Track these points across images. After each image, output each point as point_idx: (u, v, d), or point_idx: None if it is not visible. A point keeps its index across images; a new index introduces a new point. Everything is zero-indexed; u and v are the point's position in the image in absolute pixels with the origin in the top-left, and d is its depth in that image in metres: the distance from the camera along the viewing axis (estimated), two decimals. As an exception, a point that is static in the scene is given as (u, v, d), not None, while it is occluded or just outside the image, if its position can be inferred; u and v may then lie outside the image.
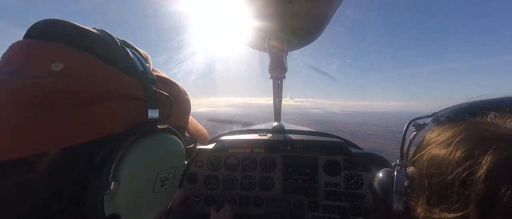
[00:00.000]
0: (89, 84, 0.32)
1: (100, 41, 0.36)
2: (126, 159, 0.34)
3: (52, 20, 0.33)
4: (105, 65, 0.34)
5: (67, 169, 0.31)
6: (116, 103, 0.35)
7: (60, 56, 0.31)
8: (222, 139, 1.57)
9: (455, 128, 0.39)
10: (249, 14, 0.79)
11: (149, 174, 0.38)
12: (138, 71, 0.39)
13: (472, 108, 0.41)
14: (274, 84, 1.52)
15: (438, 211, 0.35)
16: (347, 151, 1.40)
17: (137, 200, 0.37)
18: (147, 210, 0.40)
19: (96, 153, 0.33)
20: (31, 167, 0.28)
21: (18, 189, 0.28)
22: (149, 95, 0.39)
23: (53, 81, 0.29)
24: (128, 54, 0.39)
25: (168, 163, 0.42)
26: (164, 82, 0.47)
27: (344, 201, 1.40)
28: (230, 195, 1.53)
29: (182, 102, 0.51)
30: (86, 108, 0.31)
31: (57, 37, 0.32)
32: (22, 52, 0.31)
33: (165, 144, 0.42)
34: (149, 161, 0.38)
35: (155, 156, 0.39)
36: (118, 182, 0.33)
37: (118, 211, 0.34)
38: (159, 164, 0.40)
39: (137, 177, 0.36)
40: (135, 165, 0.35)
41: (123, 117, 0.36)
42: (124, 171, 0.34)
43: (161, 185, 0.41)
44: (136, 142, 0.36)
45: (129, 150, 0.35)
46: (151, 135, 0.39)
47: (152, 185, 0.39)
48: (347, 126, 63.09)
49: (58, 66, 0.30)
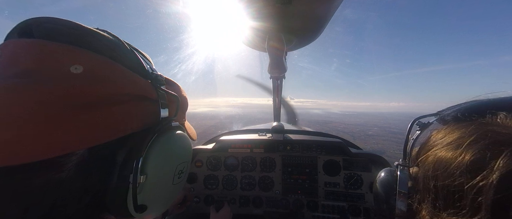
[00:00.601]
0: (109, 86, 0.33)
1: (109, 43, 0.36)
2: (151, 155, 0.37)
3: (53, 19, 0.33)
4: (122, 68, 0.36)
5: (93, 167, 0.33)
6: (134, 104, 0.37)
7: (78, 59, 0.31)
8: (221, 139, 1.57)
9: (463, 128, 0.37)
10: (248, 14, 0.80)
11: (170, 167, 0.42)
12: (149, 73, 0.42)
13: (480, 107, 0.39)
14: (273, 84, 1.52)
15: (446, 215, 0.33)
16: (346, 151, 1.40)
17: (160, 191, 0.41)
18: (167, 200, 0.45)
19: (118, 151, 0.35)
20: (60, 167, 0.30)
21: (48, 188, 0.29)
22: (160, 96, 0.42)
23: (75, 84, 0.30)
24: (137, 57, 0.41)
25: (183, 157, 0.46)
26: (169, 82, 0.49)
27: (344, 201, 1.40)
28: (229, 195, 1.53)
29: (183, 101, 0.53)
30: (108, 109, 0.33)
31: (67, 38, 0.32)
32: (32, 53, 0.30)
33: (180, 140, 0.45)
34: (169, 156, 0.42)
35: (174, 151, 0.43)
36: (146, 175, 0.36)
37: (145, 202, 0.37)
38: (177, 158, 0.44)
39: (162, 171, 0.40)
40: (159, 160, 0.39)
41: (141, 116, 0.38)
42: (150, 166, 0.37)
43: (178, 177, 0.45)
44: (157, 139, 0.39)
45: (152, 146, 0.38)
46: (168, 132, 0.42)
47: (172, 177, 0.43)
48: (347, 127, 63.05)
49: (77, 69, 0.31)
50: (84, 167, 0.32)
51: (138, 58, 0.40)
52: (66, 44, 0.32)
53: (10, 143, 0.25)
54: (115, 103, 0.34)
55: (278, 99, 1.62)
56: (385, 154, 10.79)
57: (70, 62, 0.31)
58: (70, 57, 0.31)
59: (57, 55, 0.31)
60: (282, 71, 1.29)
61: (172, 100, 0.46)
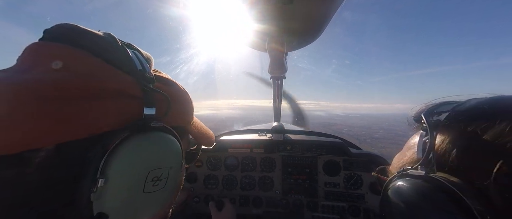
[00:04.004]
0: (85, 81, 0.33)
1: (101, 41, 0.38)
2: (115, 156, 0.33)
3: (61, 24, 0.37)
4: (103, 64, 0.36)
5: (60, 165, 0.31)
6: (111, 100, 0.35)
7: (60, 55, 0.33)
8: (221, 138, 1.58)
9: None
10: (249, 15, 0.81)
11: (138, 172, 0.37)
12: (136, 70, 0.40)
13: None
14: (274, 84, 1.53)
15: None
16: (346, 151, 1.40)
17: (126, 199, 0.36)
18: (138, 211, 0.39)
19: (90, 150, 0.33)
20: (26, 162, 0.29)
21: (12, 183, 0.28)
22: (145, 94, 0.40)
23: (50, 78, 0.31)
24: (127, 54, 0.39)
25: (160, 162, 0.40)
26: (164, 82, 0.47)
27: (344, 201, 1.39)
28: (229, 195, 1.53)
29: (183, 102, 0.52)
30: (81, 104, 0.32)
31: (62, 39, 0.35)
32: (32, 53, 0.34)
33: (157, 142, 0.41)
34: (138, 159, 0.37)
35: (145, 154, 0.38)
36: (106, 179, 0.32)
37: (106, 210, 0.33)
38: (150, 162, 0.38)
39: (126, 175, 0.35)
40: (124, 162, 0.34)
41: (119, 114, 0.36)
42: (113, 168, 0.33)
43: (152, 185, 0.39)
44: (127, 139, 0.35)
45: (119, 147, 0.34)
46: (144, 132, 0.38)
47: (142, 185, 0.37)
48: (351, 129, 62.26)
49: (57, 65, 0.32)
50: (51, 164, 0.30)
51: (128, 55, 0.39)
52: (55, 43, 0.35)
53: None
54: (89, 98, 0.32)
55: (278, 99, 1.62)
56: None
57: (52, 58, 0.33)
58: (53, 54, 0.33)
59: (44, 53, 0.34)
60: (283, 72, 1.30)
61: (161, 98, 0.43)
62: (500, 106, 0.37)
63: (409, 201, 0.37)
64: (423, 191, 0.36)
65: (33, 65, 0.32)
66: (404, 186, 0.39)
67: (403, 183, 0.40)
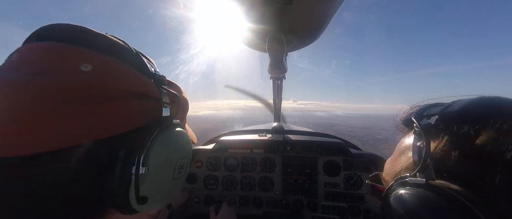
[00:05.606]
0: (116, 82, 0.35)
1: (116, 45, 0.40)
2: (153, 148, 0.39)
3: (65, 25, 0.37)
4: (127, 67, 0.38)
5: (98, 160, 0.34)
6: (138, 101, 0.39)
7: (87, 58, 0.34)
8: (221, 139, 1.58)
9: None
10: (249, 15, 0.81)
11: (170, 161, 0.44)
12: (152, 73, 0.44)
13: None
14: (274, 84, 1.53)
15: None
16: (346, 151, 1.40)
17: (161, 184, 0.43)
18: (168, 194, 0.47)
19: (122, 145, 0.36)
20: (66, 158, 0.31)
21: (54, 178, 0.31)
22: (163, 95, 0.44)
23: (83, 79, 0.32)
24: (141, 58, 0.43)
25: (183, 153, 0.48)
26: (170, 83, 0.52)
27: (344, 201, 1.39)
28: (229, 195, 1.53)
29: (183, 102, 0.56)
30: (115, 104, 0.35)
31: (78, 41, 0.36)
32: (46, 54, 0.33)
33: (180, 136, 0.47)
34: (170, 150, 0.43)
35: (174, 146, 0.45)
36: (147, 167, 0.38)
37: (146, 194, 0.38)
38: (177, 153, 0.46)
39: (162, 164, 0.42)
40: (160, 154, 0.40)
41: (144, 113, 0.40)
42: (152, 159, 0.38)
43: (178, 172, 0.47)
44: (159, 134, 0.41)
45: (154, 140, 0.39)
46: (170, 128, 0.44)
47: (172, 172, 0.44)
48: (353, 130, 62.00)
49: (87, 67, 0.33)
50: (90, 159, 0.33)
51: (142, 59, 0.43)
52: (76, 46, 0.35)
53: (14, 134, 0.27)
54: (122, 99, 0.36)
55: (278, 99, 1.62)
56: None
57: (80, 61, 0.33)
58: (80, 57, 0.34)
59: (67, 55, 0.34)
60: (282, 72, 1.30)
61: (174, 100, 0.49)
62: (488, 106, 0.37)
63: (414, 211, 0.36)
64: (428, 201, 0.35)
65: (52, 66, 0.32)
66: (407, 194, 0.38)
67: (405, 191, 0.39)
